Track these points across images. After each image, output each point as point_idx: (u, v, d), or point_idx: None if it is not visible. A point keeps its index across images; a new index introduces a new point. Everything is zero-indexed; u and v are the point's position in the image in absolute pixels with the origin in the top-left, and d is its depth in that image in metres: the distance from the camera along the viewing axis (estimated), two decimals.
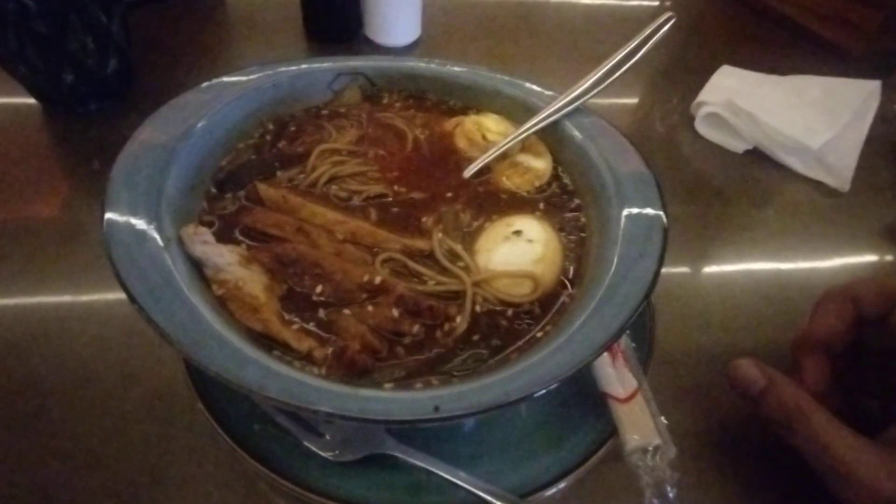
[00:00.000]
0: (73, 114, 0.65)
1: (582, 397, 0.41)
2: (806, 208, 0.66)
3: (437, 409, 0.27)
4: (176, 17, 0.84)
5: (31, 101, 0.65)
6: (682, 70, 0.84)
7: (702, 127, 0.72)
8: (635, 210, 0.38)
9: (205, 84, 0.44)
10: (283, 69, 0.47)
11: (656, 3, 1.04)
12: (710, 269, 0.59)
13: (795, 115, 0.67)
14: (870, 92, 0.69)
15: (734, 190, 0.67)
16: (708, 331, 0.51)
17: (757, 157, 0.70)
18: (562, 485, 0.37)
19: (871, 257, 0.62)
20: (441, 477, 0.35)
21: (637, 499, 0.35)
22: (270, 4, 0.88)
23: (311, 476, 0.35)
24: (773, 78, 0.75)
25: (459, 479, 0.35)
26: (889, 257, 0.62)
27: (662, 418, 0.38)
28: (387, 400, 0.28)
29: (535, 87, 0.49)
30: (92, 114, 0.65)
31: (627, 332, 0.43)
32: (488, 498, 0.34)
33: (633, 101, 0.80)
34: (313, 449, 0.37)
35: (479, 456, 0.38)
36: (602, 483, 0.40)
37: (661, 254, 0.35)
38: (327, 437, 0.37)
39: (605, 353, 0.41)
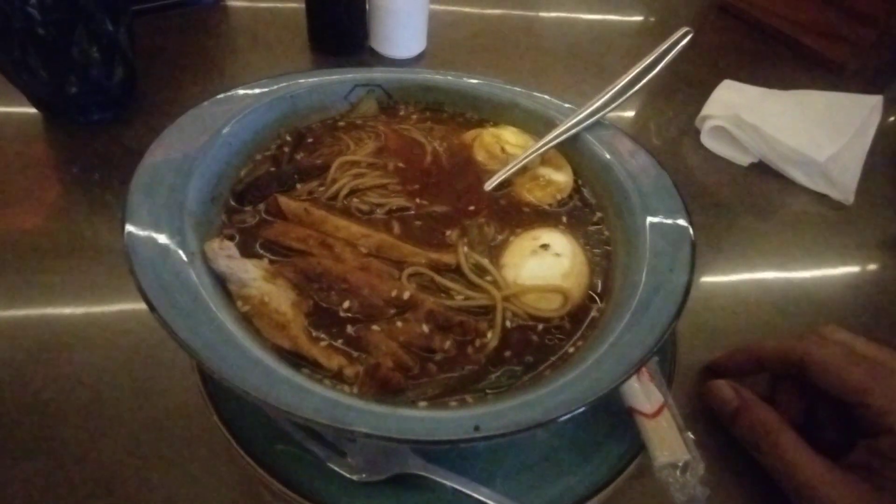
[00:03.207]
0: (75, 124, 0.64)
1: (605, 414, 0.40)
2: (812, 220, 0.67)
3: (477, 428, 0.27)
4: (178, 28, 0.83)
5: (32, 110, 0.64)
6: (681, 83, 0.85)
7: (707, 140, 0.73)
8: (661, 222, 0.38)
9: (221, 95, 0.43)
10: (300, 81, 0.46)
11: (653, 19, 1.06)
12: (722, 280, 0.59)
13: (800, 128, 0.68)
14: (872, 106, 0.70)
15: (741, 202, 0.68)
16: (725, 343, 0.51)
17: (762, 170, 0.71)
18: None
19: (876, 268, 0.63)
20: (468, 496, 0.35)
21: None
22: (274, 17, 0.88)
23: (333, 497, 0.34)
24: (776, 92, 0.76)
25: (488, 497, 0.34)
26: (894, 269, 0.63)
27: (689, 433, 0.38)
28: (425, 420, 0.28)
29: (552, 100, 0.49)
30: (95, 124, 0.64)
31: None
32: None
33: (632, 114, 0.80)
34: (337, 470, 0.36)
35: (504, 475, 0.38)
36: (631, 500, 0.40)
37: (692, 267, 0.35)
38: (350, 458, 0.36)
39: None
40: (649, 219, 0.38)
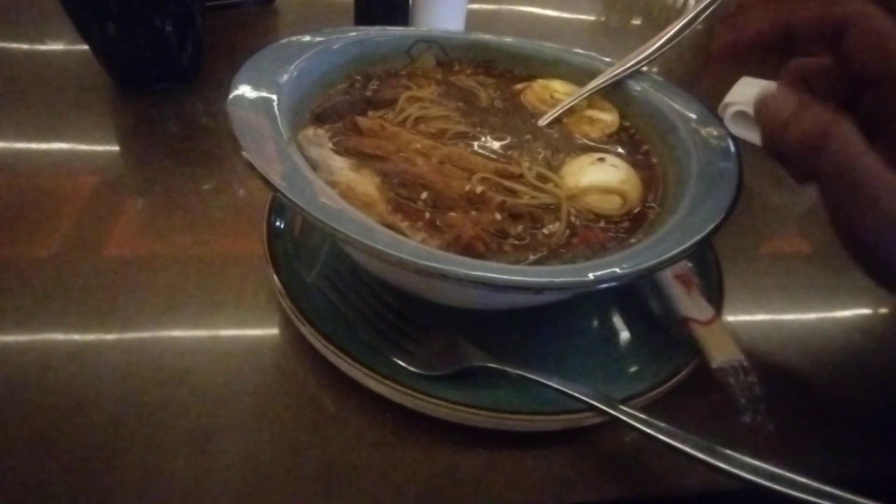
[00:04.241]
0: (141, 90, 0.68)
1: (649, 336, 0.42)
2: None
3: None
4: (232, 25, 0.89)
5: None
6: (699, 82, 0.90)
7: (731, 125, 0.77)
8: (707, 140, 0.41)
9: (295, 38, 0.48)
10: (368, 32, 0.51)
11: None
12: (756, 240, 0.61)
13: None
14: None
15: (764, 182, 0.71)
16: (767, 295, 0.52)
17: None
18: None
19: None
20: (537, 384, 0.36)
21: (723, 416, 0.36)
22: (319, 8, 0.95)
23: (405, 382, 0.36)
24: None
25: (554, 382, 0.36)
26: None
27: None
28: (517, 270, 0.30)
29: (595, 55, 0.53)
30: (160, 92, 0.69)
31: (696, 271, 0.45)
32: (581, 397, 0.35)
33: None
34: (402, 364, 0.37)
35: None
36: (688, 400, 0.40)
37: (740, 165, 0.38)
38: (414, 355, 0.38)
39: (680, 284, 0.43)
40: (697, 139, 0.42)
